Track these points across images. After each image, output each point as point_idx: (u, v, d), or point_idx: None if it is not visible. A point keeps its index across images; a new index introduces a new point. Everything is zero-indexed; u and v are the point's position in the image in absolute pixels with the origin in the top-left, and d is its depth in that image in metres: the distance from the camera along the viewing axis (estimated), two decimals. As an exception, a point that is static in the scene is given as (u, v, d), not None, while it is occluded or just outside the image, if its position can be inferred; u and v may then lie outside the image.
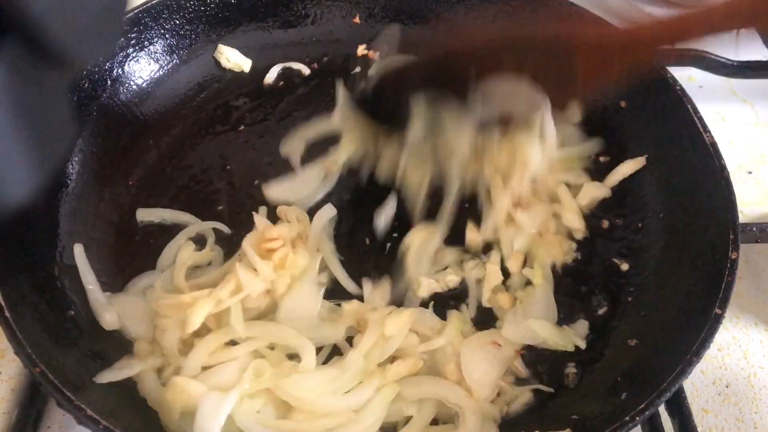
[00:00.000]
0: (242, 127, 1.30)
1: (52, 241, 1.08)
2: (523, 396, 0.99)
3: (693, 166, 1.09)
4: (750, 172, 1.37)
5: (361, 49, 1.38)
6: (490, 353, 1.00)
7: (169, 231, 1.14)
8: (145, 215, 1.16)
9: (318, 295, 1.05)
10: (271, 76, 1.36)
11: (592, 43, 0.94)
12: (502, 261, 1.12)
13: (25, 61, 0.45)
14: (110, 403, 0.90)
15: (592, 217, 1.18)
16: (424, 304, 1.07)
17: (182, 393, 0.91)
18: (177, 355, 0.98)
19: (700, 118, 1.09)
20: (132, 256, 1.12)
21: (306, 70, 1.38)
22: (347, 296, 1.07)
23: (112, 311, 1.03)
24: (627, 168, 1.19)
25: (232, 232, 1.14)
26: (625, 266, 1.12)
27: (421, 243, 1.11)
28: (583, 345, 1.03)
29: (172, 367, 0.98)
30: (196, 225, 1.14)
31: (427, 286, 1.08)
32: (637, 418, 0.83)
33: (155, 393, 0.95)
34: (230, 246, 1.12)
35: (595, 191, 1.18)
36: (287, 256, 1.04)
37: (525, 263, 1.12)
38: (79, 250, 1.08)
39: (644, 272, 1.09)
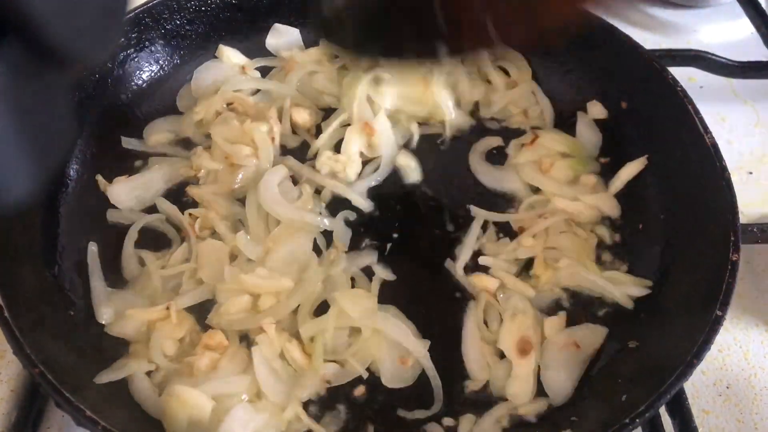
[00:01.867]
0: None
1: (51, 241, 1.09)
2: (538, 403, 0.98)
3: (694, 167, 1.08)
4: (750, 173, 1.36)
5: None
6: (570, 356, 1.01)
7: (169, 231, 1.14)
8: (115, 216, 1.16)
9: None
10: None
11: None
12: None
13: (25, 61, 0.45)
14: (109, 404, 0.90)
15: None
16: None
17: (186, 403, 0.92)
18: (164, 360, 0.99)
19: (701, 119, 1.09)
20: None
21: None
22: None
23: (109, 306, 1.04)
24: (629, 171, 1.19)
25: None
26: (624, 267, 1.12)
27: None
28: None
29: (162, 372, 0.99)
30: (141, 220, 1.14)
31: None
32: (637, 420, 0.83)
33: (150, 400, 0.96)
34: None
35: (601, 203, 1.17)
36: None
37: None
38: (93, 248, 1.10)
39: (645, 274, 1.09)
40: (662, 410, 0.99)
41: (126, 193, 1.17)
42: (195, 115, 1.26)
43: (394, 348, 1.02)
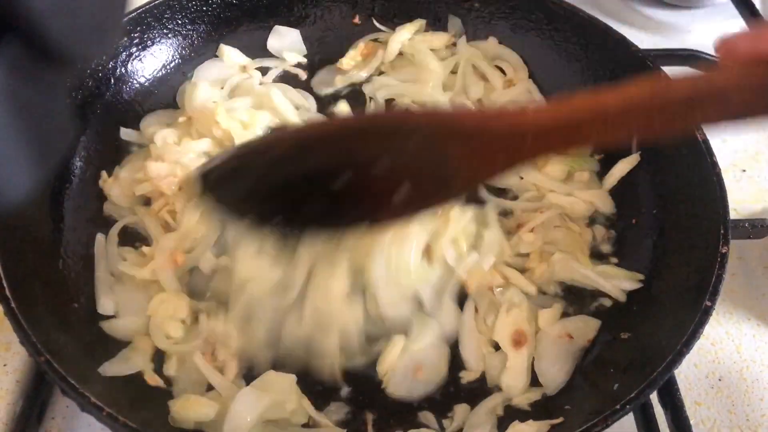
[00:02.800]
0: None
1: (57, 235, 1.10)
2: (532, 392, 1.00)
3: (685, 162, 1.10)
4: (744, 170, 1.38)
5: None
6: (563, 348, 1.03)
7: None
8: (110, 210, 1.17)
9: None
10: (271, 76, 1.38)
11: (468, 133, 0.75)
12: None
13: (25, 61, 0.45)
14: (113, 392, 0.92)
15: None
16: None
17: (194, 409, 0.95)
18: (169, 343, 1.02)
19: (693, 116, 1.10)
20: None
21: (303, 75, 1.39)
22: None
23: (110, 298, 1.06)
24: (622, 168, 1.20)
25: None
26: (617, 261, 1.13)
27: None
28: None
29: (174, 358, 1.01)
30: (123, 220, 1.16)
31: None
32: (628, 406, 0.85)
33: None
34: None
35: (595, 199, 1.19)
36: None
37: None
38: (101, 238, 1.12)
39: (637, 267, 1.10)
40: (655, 402, 1.00)
41: (120, 187, 1.19)
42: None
43: (412, 358, 1.02)
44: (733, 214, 1.02)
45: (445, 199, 0.84)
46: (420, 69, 1.35)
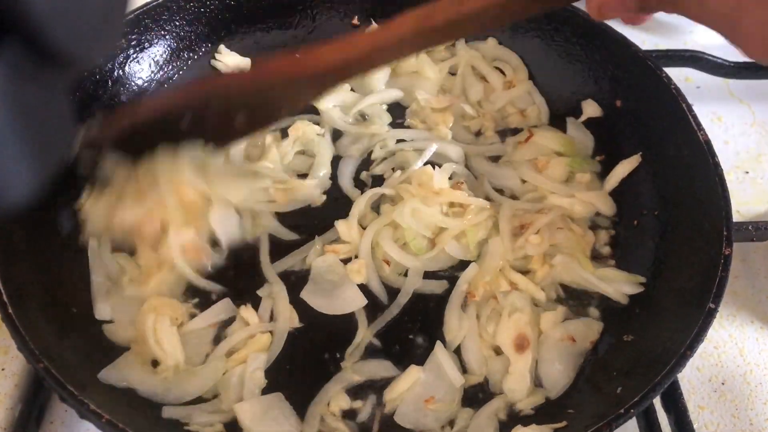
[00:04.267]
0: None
1: (54, 239, 1.09)
2: (535, 396, 1.00)
3: (687, 163, 1.09)
4: (747, 172, 1.38)
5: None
6: (566, 351, 1.02)
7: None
8: None
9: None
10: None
11: (280, 86, 0.95)
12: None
13: (25, 61, 0.45)
14: (112, 398, 0.91)
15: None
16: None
17: None
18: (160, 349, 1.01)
19: (695, 117, 1.10)
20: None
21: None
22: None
23: (106, 303, 1.05)
24: (623, 169, 1.20)
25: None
26: (619, 263, 1.12)
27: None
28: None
29: (171, 368, 1.00)
30: None
31: None
32: (632, 411, 0.84)
33: None
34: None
35: (596, 200, 1.18)
36: None
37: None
38: (93, 244, 1.10)
39: (639, 269, 1.10)
40: (658, 406, 1.00)
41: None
42: None
43: (425, 388, 1.00)
44: (736, 216, 1.02)
45: (275, 121, 1.03)
46: (416, 75, 1.37)
